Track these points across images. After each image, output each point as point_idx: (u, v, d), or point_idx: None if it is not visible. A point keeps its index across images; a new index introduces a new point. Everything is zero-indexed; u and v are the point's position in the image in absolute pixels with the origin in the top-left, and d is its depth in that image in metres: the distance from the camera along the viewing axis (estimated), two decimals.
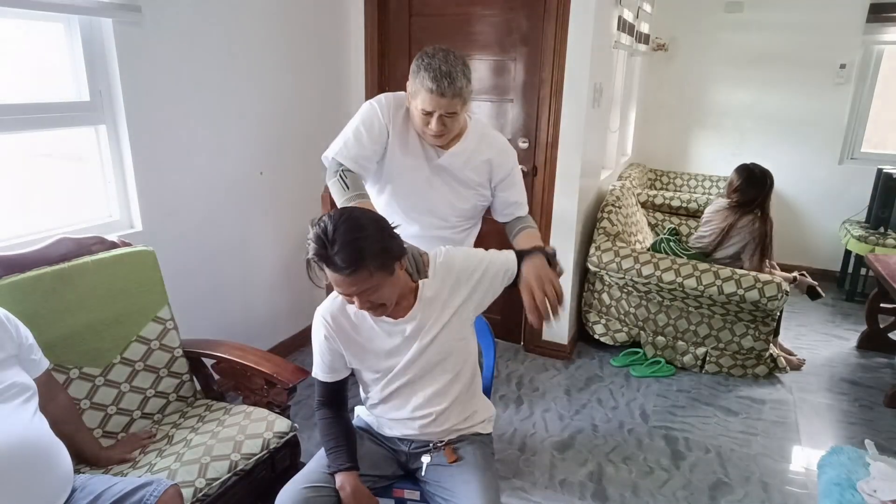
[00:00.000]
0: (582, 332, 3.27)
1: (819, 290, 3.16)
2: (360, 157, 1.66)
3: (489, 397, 1.66)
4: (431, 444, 1.46)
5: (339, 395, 1.46)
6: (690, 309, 2.91)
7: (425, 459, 1.45)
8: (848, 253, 4.12)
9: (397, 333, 1.38)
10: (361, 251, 1.16)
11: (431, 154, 1.74)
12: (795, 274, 3.14)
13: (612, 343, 3.12)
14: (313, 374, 1.45)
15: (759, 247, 3.03)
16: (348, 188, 1.60)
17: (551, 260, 1.44)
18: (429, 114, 1.58)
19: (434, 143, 1.70)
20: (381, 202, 1.81)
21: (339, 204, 1.58)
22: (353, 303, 1.26)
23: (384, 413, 1.48)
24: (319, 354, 1.42)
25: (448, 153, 1.73)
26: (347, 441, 1.40)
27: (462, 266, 1.42)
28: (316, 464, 1.41)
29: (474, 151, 1.76)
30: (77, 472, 1.35)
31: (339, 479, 1.34)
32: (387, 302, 1.28)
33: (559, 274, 1.44)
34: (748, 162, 3.15)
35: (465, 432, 1.49)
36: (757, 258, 3.03)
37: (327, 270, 1.19)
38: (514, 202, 1.85)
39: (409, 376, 1.41)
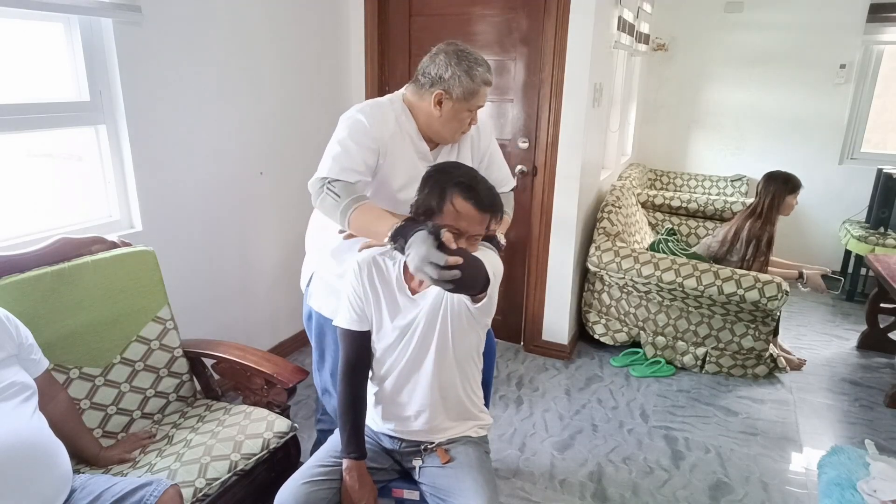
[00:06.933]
0: (582, 332, 3.27)
1: (830, 274, 3.00)
2: (354, 169, 1.47)
3: (489, 397, 1.65)
4: (422, 447, 1.46)
5: (365, 358, 1.44)
6: (690, 309, 2.91)
7: (417, 462, 1.46)
8: (848, 253, 4.13)
9: (411, 308, 1.38)
10: (499, 201, 1.34)
11: (428, 155, 1.62)
12: (801, 270, 3.03)
13: (612, 343, 3.12)
14: (336, 323, 1.43)
15: (755, 247, 2.96)
16: (339, 196, 1.40)
17: (498, 246, 1.56)
18: (479, 107, 1.56)
19: (457, 139, 1.64)
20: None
21: (336, 218, 1.41)
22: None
23: (387, 391, 1.47)
24: (348, 299, 1.40)
25: (445, 149, 1.66)
26: (362, 428, 1.43)
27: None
28: (314, 460, 1.43)
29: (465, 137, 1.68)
30: (77, 472, 1.36)
31: (348, 463, 1.38)
32: None
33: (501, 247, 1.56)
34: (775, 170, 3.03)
35: (457, 435, 1.49)
36: (751, 257, 2.97)
37: (466, 203, 1.27)
38: (496, 178, 1.74)
39: (413, 353, 1.40)
